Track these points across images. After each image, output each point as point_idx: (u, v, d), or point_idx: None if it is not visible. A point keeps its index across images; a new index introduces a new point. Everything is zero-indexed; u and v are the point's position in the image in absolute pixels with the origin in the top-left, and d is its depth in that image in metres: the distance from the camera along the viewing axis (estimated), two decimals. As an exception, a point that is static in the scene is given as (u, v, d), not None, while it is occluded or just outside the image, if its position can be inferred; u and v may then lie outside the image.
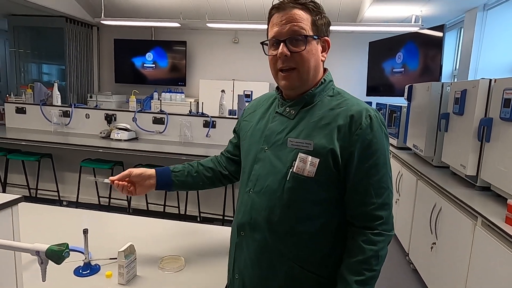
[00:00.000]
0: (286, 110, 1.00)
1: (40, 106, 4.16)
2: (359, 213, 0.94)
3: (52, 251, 0.76)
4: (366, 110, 0.93)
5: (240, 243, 1.04)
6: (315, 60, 0.96)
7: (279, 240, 0.96)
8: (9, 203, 0.85)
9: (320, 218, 0.95)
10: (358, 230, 0.94)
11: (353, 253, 0.93)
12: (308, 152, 0.92)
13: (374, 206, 0.92)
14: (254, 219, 0.99)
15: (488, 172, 2.06)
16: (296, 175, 0.92)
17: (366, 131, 0.90)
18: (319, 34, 0.96)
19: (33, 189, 4.04)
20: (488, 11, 3.86)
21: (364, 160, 0.91)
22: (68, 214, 1.70)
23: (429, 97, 2.91)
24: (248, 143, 1.08)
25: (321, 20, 0.96)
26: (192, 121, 3.90)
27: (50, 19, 6.02)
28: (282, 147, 0.96)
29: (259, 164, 1.00)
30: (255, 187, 1.00)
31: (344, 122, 0.91)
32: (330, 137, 0.91)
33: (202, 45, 6.59)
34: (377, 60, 5.48)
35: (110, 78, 6.92)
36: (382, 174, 0.93)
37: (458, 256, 2.05)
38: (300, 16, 0.93)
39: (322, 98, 0.98)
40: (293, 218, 0.94)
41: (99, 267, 1.18)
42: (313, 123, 0.94)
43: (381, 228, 0.92)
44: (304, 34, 0.92)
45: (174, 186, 1.22)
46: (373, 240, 0.91)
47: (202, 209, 3.68)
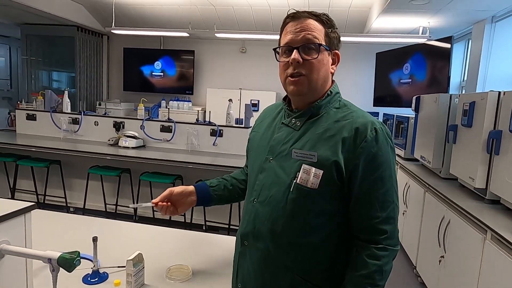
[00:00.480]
0: (292, 122, 1.01)
1: (51, 113, 4.23)
2: (363, 226, 0.93)
3: (63, 259, 0.77)
4: (371, 123, 0.92)
5: (243, 252, 1.04)
6: (325, 70, 0.98)
7: (282, 251, 0.96)
8: (23, 211, 0.86)
9: (324, 230, 0.94)
10: (362, 243, 0.93)
11: (356, 267, 0.92)
12: (312, 164, 0.92)
13: (378, 220, 0.91)
14: (257, 229, 0.99)
15: (497, 185, 2.04)
16: (300, 186, 0.93)
17: (371, 144, 0.90)
18: (331, 46, 0.98)
19: (41, 195, 4.08)
20: (496, 23, 3.86)
21: (368, 173, 0.90)
22: (76, 221, 1.72)
23: (437, 109, 2.90)
24: (254, 153, 1.09)
25: (333, 33, 0.99)
26: (199, 129, 3.93)
27: (61, 28, 6.14)
28: (287, 158, 0.97)
29: (263, 174, 1.01)
30: (259, 197, 1.00)
31: (349, 134, 0.91)
32: (334, 149, 0.91)
33: (210, 54, 6.66)
34: (384, 71, 5.49)
35: (119, 86, 7.01)
36: (387, 188, 0.92)
37: (467, 270, 2.02)
38: (314, 26, 0.95)
39: (328, 110, 0.99)
40: (296, 229, 0.94)
41: (107, 275, 1.19)
42: (318, 135, 0.95)
43: (385, 243, 0.91)
44: (317, 42, 0.95)
45: (213, 201, 1.23)
46: (377, 254, 0.90)
47: (208, 217, 3.68)
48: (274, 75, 1.06)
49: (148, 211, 3.88)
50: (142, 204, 1.26)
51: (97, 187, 3.89)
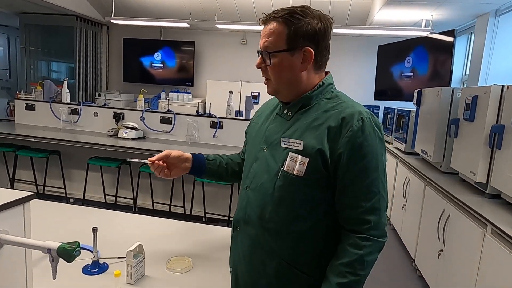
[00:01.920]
0: (284, 112, 1.03)
1: (50, 104, 4.20)
2: (348, 216, 0.94)
3: (63, 249, 0.76)
4: (359, 113, 0.92)
5: (235, 237, 1.08)
6: (289, 72, 0.98)
7: (270, 237, 0.98)
8: (21, 200, 0.85)
9: (311, 218, 0.96)
10: (346, 233, 0.94)
11: (338, 256, 0.93)
12: (297, 152, 0.94)
13: (362, 209, 0.92)
14: (248, 215, 1.02)
15: (498, 179, 2.04)
16: (286, 174, 0.95)
17: (357, 134, 0.90)
18: (297, 45, 0.95)
19: (40, 185, 4.07)
20: (500, 16, 3.82)
21: (353, 162, 0.91)
22: (77, 212, 1.71)
23: (438, 102, 2.88)
24: (251, 143, 1.12)
25: (300, 29, 0.94)
26: (199, 121, 3.91)
27: (60, 17, 6.08)
28: (277, 147, 0.99)
29: (257, 163, 1.04)
30: (251, 184, 1.03)
31: (335, 123, 0.92)
32: (320, 137, 0.93)
33: (210, 45, 6.61)
34: (386, 64, 5.45)
35: (118, 77, 6.96)
36: (372, 178, 0.92)
37: (466, 264, 2.02)
38: (273, 31, 0.96)
39: (319, 101, 1.00)
40: (283, 217, 0.96)
41: (107, 266, 1.19)
42: (306, 124, 0.97)
43: (368, 233, 0.91)
44: (268, 51, 0.97)
45: (205, 173, 1.24)
46: (359, 244, 0.91)
47: (207, 209, 3.68)
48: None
49: (147, 202, 3.88)
50: (140, 160, 1.27)
51: (97, 178, 3.89)
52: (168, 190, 3.73)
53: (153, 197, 3.82)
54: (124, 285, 1.09)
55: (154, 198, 3.83)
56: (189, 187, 3.61)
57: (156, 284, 1.12)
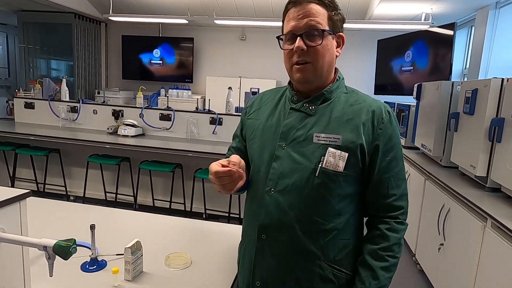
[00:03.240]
0: (305, 106, 0.99)
1: (49, 102, 4.20)
2: (381, 205, 0.97)
3: (59, 247, 0.76)
4: (384, 106, 0.98)
5: (261, 247, 0.98)
6: (330, 55, 0.97)
7: (309, 239, 0.94)
8: (18, 198, 0.85)
9: (345, 214, 0.96)
10: (380, 219, 0.97)
11: (376, 241, 0.96)
12: (336, 147, 0.93)
13: (395, 197, 0.96)
14: (279, 220, 0.95)
15: (498, 173, 2.03)
16: (326, 170, 0.93)
17: (388, 126, 0.95)
18: (335, 29, 0.96)
19: (41, 183, 4.08)
20: (500, 9, 3.79)
21: (386, 154, 0.95)
22: (75, 209, 1.71)
23: (438, 96, 2.87)
24: (259, 141, 1.03)
25: (336, 15, 0.96)
26: (198, 118, 3.90)
27: (58, 15, 6.05)
28: (305, 143, 0.95)
29: (278, 162, 0.97)
30: (277, 186, 0.96)
31: (367, 117, 0.95)
32: (356, 132, 0.93)
33: (209, 42, 6.58)
34: (386, 58, 5.43)
35: (117, 74, 6.94)
36: (400, 167, 0.98)
37: (466, 258, 2.02)
38: (316, 11, 0.93)
39: (339, 95, 1.00)
40: (322, 215, 0.94)
41: (106, 263, 1.18)
42: (336, 119, 0.96)
43: (402, 218, 0.97)
44: (321, 28, 0.93)
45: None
46: (397, 228, 0.96)
47: (207, 206, 3.69)
48: (274, 63, 1.02)
49: (148, 199, 3.89)
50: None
51: (97, 175, 3.89)
52: (168, 187, 3.73)
53: (154, 194, 3.82)
54: (122, 281, 1.09)
55: (155, 195, 3.83)
56: (189, 183, 3.61)
57: (154, 280, 1.12)
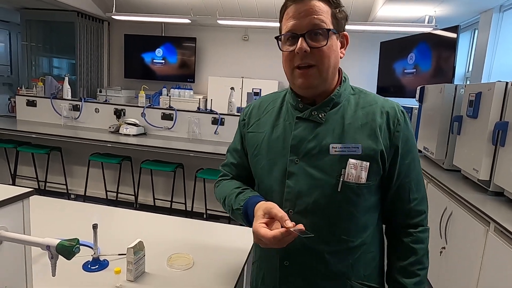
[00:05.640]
0: (313, 114, 0.89)
1: (51, 100, 4.20)
2: (403, 211, 0.92)
3: (62, 246, 0.75)
4: (397, 106, 0.91)
5: (285, 276, 0.91)
6: (335, 56, 0.88)
7: (337, 260, 0.87)
8: (21, 196, 0.84)
9: (370, 226, 0.91)
10: (403, 230, 0.92)
11: (403, 256, 0.90)
12: (357, 157, 0.85)
13: (416, 201, 0.91)
14: (303, 244, 0.86)
15: (501, 177, 2.02)
16: (349, 184, 0.84)
17: (404, 127, 0.88)
18: (339, 28, 0.88)
19: (42, 181, 4.08)
20: (504, 12, 3.78)
21: (405, 156, 0.89)
22: (77, 208, 1.71)
23: (441, 99, 2.86)
24: (267, 157, 0.93)
25: (340, 13, 0.88)
26: (200, 117, 3.90)
27: (61, 13, 6.06)
28: (321, 156, 0.86)
29: (293, 179, 0.87)
30: (296, 206, 0.87)
31: (382, 120, 0.88)
32: (374, 137, 0.86)
33: (211, 41, 6.58)
34: (389, 60, 5.42)
35: (119, 73, 6.95)
36: (419, 168, 0.93)
37: (468, 262, 2.01)
38: (320, 8, 0.84)
39: (347, 97, 0.92)
40: (349, 232, 0.87)
41: (108, 263, 1.18)
42: (350, 125, 0.87)
43: (424, 223, 0.93)
44: (325, 27, 0.83)
45: None
46: (422, 238, 0.91)
47: (208, 206, 3.68)
48: (277, 64, 0.99)
49: (149, 199, 3.88)
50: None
51: (98, 174, 3.89)
52: (169, 187, 3.72)
53: (154, 193, 3.82)
54: (124, 282, 1.09)
55: (156, 194, 3.83)
56: (190, 183, 3.60)
57: (156, 281, 1.11)
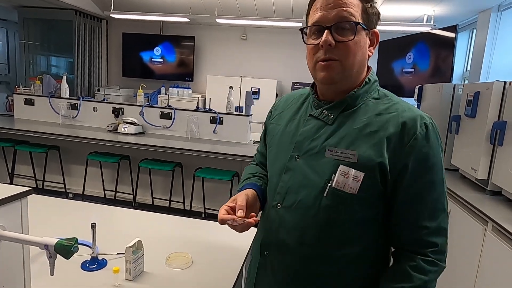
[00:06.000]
0: (323, 113, 0.86)
1: (49, 98, 4.18)
2: (409, 237, 0.81)
3: (61, 246, 0.75)
4: (421, 117, 0.79)
5: (263, 264, 0.92)
6: (362, 54, 0.83)
7: (312, 265, 0.84)
8: (19, 196, 0.84)
9: (361, 241, 0.83)
10: (406, 253, 0.81)
11: (396, 278, 0.80)
12: (350, 165, 0.79)
13: (427, 230, 0.79)
14: (282, 240, 0.86)
15: (499, 176, 2.03)
16: (336, 191, 0.79)
17: (422, 142, 0.77)
18: (369, 25, 0.82)
19: (40, 180, 4.06)
20: (502, 12, 3.79)
21: (418, 176, 0.78)
22: (76, 207, 1.70)
23: (440, 99, 2.86)
24: (275, 149, 0.94)
25: (372, 9, 0.82)
26: (199, 116, 3.89)
27: (59, 11, 6.03)
28: (318, 157, 0.83)
29: (288, 175, 0.87)
30: (284, 201, 0.86)
31: (395, 130, 0.78)
32: (378, 148, 0.78)
33: (210, 40, 6.57)
34: (387, 60, 5.43)
35: (118, 72, 6.93)
36: (439, 193, 0.79)
37: (466, 261, 2.02)
38: (350, 0, 0.79)
39: (366, 101, 0.84)
40: (329, 241, 0.82)
41: (106, 262, 1.18)
42: (357, 130, 0.81)
43: (435, 257, 0.79)
44: (353, 21, 0.78)
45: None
46: (424, 268, 0.78)
47: (207, 205, 3.68)
48: (275, 63, 0.96)
49: (147, 198, 3.88)
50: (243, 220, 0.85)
51: (96, 173, 3.88)
52: (168, 186, 3.72)
53: (153, 192, 3.81)
54: (123, 281, 1.09)
55: (154, 193, 3.82)
56: (189, 182, 3.60)
57: (155, 280, 1.11)
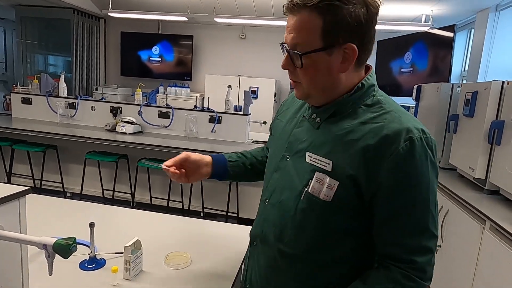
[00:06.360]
0: (313, 117, 0.86)
1: (47, 97, 4.17)
2: (388, 253, 0.77)
3: (59, 245, 0.75)
4: (407, 131, 0.72)
5: (252, 253, 0.97)
6: (326, 76, 0.78)
7: (289, 263, 0.85)
8: (17, 195, 0.83)
9: (338, 248, 0.81)
10: (387, 264, 0.77)
11: (367, 280, 0.77)
12: (326, 172, 0.77)
13: (407, 248, 0.75)
14: (265, 233, 0.90)
15: (497, 175, 2.03)
16: (311, 196, 0.79)
17: (404, 159, 0.71)
18: (335, 42, 0.75)
19: (37, 180, 4.05)
20: (500, 12, 3.80)
21: (398, 194, 0.73)
22: (74, 207, 1.70)
23: (438, 98, 2.87)
24: (274, 146, 0.98)
25: (342, 21, 0.73)
26: (197, 116, 3.89)
27: (57, 10, 6.01)
28: (302, 160, 0.83)
29: (278, 173, 0.90)
30: (271, 198, 0.90)
31: (374, 142, 0.73)
32: (354, 159, 0.74)
33: (208, 40, 6.56)
34: (385, 59, 5.43)
35: (116, 71, 6.91)
36: (421, 213, 0.74)
37: (464, 260, 2.02)
38: (304, 23, 0.74)
39: (356, 108, 0.80)
40: (304, 243, 0.83)
41: (105, 261, 1.17)
42: (337, 137, 0.78)
43: (413, 273, 0.74)
44: (299, 51, 0.75)
45: (228, 177, 1.11)
46: (399, 281, 0.74)
47: (205, 204, 3.68)
48: (274, 62, 0.97)
49: (145, 197, 3.87)
50: (155, 165, 1.07)
51: (94, 172, 3.87)
52: (166, 185, 3.71)
53: (151, 192, 3.81)
54: (121, 280, 1.08)
55: (152, 193, 3.82)
56: (187, 182, 3.59)
57: (154, 279, 1.11)
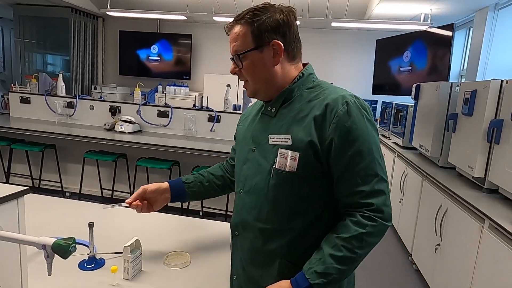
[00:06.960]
0: (268, 109, 1.02)
1: (45, 97, 4.15)
2: (348, 203, 0.90)
3: (58, 245, 0.74)
4: (342, 97, 0.90)
5: (235, 243, 1.06)
6: (261, 70, 0.97)
7: (269, 239, 0.96)
8: (15, 195, 0.83)
9: (309, 214, 0.93)
10: (348, 211, 0.91)
11: (337, 230, 0.90)
12: (287, 147, 0.92)
13: (362, 194, 0.88)
14: (244, 219, 1.01)
15: (496, 174, 2.04)
16: (279, 171, 0.93)
17: (344, 118, 0.88)
18: (263, 41, 0.95)
19: (36, 179, 4.04)
20: (499, 10, 3.80)
21: (345, 148, 0.88)
22: (73, 206, 1.69)
23: (437, 97, 2.87)
24: (240, 146, 1.11)
25: (263, 24, 0.94)
26: (196, 115, 3.88)
27: (55, 9, 5.99)
28: (266, 146, 0.97)
29: (247, 164, 1.02)
30: (245, 187, 1.02)
31: (320, 112, 0.90)
32: (307, 129, 0.91)
33: (207, 39, 6.55)
34: (384, 58, 5.44)
35: (114, 70, 6.89)
36: (368, 161, 0.88)
37: (463, 259, 2.03)
38: (238, 33, 0.97)
39: (301, 92, 0.98)
40: (280, 216, 0.95)
41: (104, 261, 1.17)
42: (291, 117, 0.95)
43: (371, 213, 0.87)
44: (238, 53, 0.98)
45: (187, 197, 1.25)
46: (362, 222, 0.87)
47: (204, 204, 3.68)
48: None
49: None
50: (119, 205, 1.22)
51: (93, 172, 3.86)
52: (165, 184, 3.70)
53: (150, 191, 3.79)
54: (121, 280, 1.08)
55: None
56: (186, 181, 3.59)
57: (153, 279, 1.11)
